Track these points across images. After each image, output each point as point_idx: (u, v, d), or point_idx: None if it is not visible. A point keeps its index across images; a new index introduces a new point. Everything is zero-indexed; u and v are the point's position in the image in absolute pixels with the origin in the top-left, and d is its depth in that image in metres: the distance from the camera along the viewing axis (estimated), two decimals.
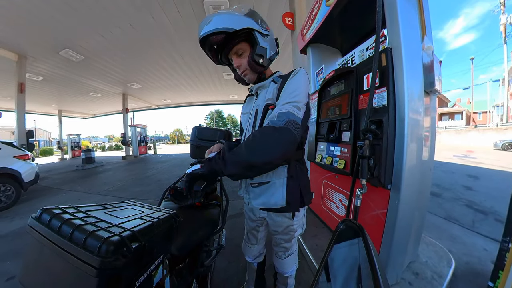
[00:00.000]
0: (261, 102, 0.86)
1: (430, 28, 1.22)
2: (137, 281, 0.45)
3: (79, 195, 4.05)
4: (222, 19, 0.71)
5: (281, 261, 1.04)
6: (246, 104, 1.02)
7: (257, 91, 0.90)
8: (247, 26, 0.73)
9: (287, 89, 0.75)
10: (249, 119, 0.92)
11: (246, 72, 0.83)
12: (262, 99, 0.86)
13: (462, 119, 27.06)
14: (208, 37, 0.72)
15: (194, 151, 1.34)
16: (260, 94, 0.89)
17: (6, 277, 1.60)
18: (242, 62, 0.81)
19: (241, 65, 0.81)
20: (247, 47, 0.79)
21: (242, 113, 1.03)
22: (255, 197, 0.87)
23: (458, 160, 6.96)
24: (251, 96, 0.97)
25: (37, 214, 0.45)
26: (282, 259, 1.03)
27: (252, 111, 0.91)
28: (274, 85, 0.83)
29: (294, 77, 0.77)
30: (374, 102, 1.16)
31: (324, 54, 2.30)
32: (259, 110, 0.86)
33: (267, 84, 0.86)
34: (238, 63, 0.81)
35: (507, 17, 18.34)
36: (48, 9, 3.99)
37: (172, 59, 6.78)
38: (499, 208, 2.61)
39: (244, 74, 0.84)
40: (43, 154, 18.79)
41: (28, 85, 6.98)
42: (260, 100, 0.87)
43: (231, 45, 0.79)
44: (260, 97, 0.88)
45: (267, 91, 0.85)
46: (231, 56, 0.82)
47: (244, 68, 0.82)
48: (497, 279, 0.93)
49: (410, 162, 1.05)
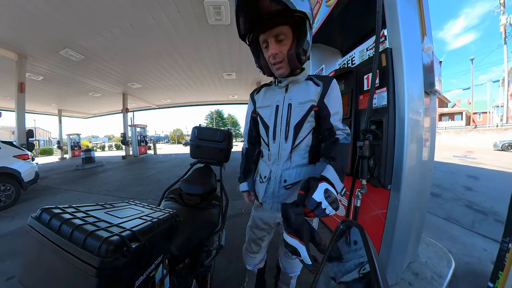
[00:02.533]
0: (295, 97, 0.78)
1: (430, 29, 1.23)
2: (137, 281, 0.45)
3: (79, 195, 4.05)
4: None
5: (291, 261, 0.98)
6: (267, 94, 0.87)
7: (287, 84, 0.80)
8: (306, 11, 0.62)
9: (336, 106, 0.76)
10: (277, 112, 0.81)
11: (281, 64, 0.71)
12: (296, 95, 0.78)
13: (462, 119, 27.06)
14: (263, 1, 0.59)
15: (194, 151, 1.34)
16: (292, 89, 0.80)
17: (6, 277, 1.59)
18: (281, 50, 0.68)
19: (279, 53, 0.68)
20: (290, 35, 0.68)
21: (261, 105, 0.87)
22: (285, 198, 0.82)
23: (458, 161, 6.96)
24: (271, 88, 0.87)
25: (37, 213, 0.45)
26: (293, 259, 0.96)
27: (281, 104, 0.81)
28: (314, 86, 0.77)
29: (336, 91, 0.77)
30: (374, 102, 1.16)
31: (324, 54, 2.31)
32: (292, 105, 0.78)
33: (301, 80, 0.79)
34: (277, 50, 0.68)
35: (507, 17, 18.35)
36: (48, 9, 3.99)
37: (172, 59, 6.78)
38: (499, 209, 2.61)
39: (279, 66, 0.71)
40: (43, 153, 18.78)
41: (28, 85, 6.97)
42: (293, 95, 0.79)
43: (275, 25, 0.65)
44: (292, 91, 0.80)
45: (302, 88, 0.78)
46: (268, 38, 0.68)
47: (281, 58, 0.69)
48: (497, 280, 0.93)
49: (410, 162, 1.05)
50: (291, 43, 0.68)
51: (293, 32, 0.67)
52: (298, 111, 0.77)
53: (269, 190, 0.84)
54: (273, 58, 0.70)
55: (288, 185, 0.80)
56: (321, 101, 0.75)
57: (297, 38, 0.68)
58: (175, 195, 1.10)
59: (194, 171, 1.25)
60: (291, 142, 0.79)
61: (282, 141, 0.80)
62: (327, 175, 0.64)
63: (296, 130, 0.78)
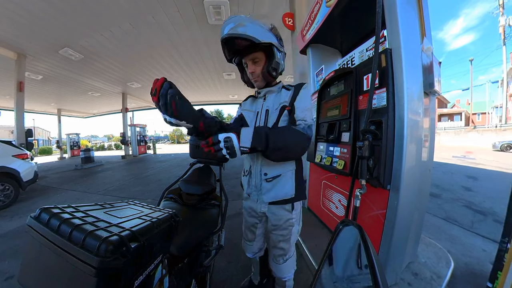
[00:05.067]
0: (271, 104, 0.96)
1: (429, 29, 1.23)
2: (136, 281, 0.45)
3: (78, 195, 4.04)
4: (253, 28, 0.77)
5: (279, 266, 1.03)
6: (251, 103, 1.07)
7: (265, 94, 0.99)
8: (270, 41, 0.81)
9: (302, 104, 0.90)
10: (256, 117, 1.00)
11: (258, 79, 0.92)
12: (272, 102, 0.96)
13: (461, 120, 27.11)
14: (234, 39, 0.78)
15: (193, 151, 1.34)
16: (269, 97, 0.98)
17: (5, 277, 1.59)
18: (256, 69, 0.89)
19: (255, 72, 0.90)
20: (263, 57, 0.88)
21: (244, 109, 1.08)
22: (267, 192, 0.93)
23: (457, 161, 6.98)
24: (255, 99, 1.06)
25: (36, 213, 0.45)
26: (280, 264, 1.02)
27: (260, 110, 0.99)
28: (286, 92, 0.94)
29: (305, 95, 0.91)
30: (373, 102, 1.17)
31: (324, 55, 2.31)
32: (270, 110, 0.95)
33: (276, 90, 0.97)
34: (253, 69, 0.89)
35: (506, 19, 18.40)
36: (47, 8, 3.98)
37: (172, 58, 6.78)
38: (498, 209, 2.61)
39: (256, 80, 0.93)
40: (42, 153, 18.74)
41: (27, 84, 6.96)
42: (270, 102, 0.96)
43: (250, 51, 0.86)
44: (269, 100, 0.97)
45: (277, 96, 0.96)
46: (247, 61, 0.89)
47: (256, 76, 0.91)
48: (496, 280, 0.93)
49: (410, 162, 1.06)
50: (264, 64, 0.89)
51: (265, 55, 0.88)
52: (274, 114, 0.93)
53: (252, 183, 0.97)
54: (251, 75, 0.91)
55: (269, 178, 0.92)
56: (292, 103, 0.91)
57: (268, 59, 0.88)
58: (174, 195, 1.10)
59: (194, 171, 1.25)
60: None
61: None
62: (242, 131, 0.69)
63: None
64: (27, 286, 0.41)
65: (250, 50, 0.86)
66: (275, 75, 0.92)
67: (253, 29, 0.77)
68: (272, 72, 0.89)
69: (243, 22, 0.77)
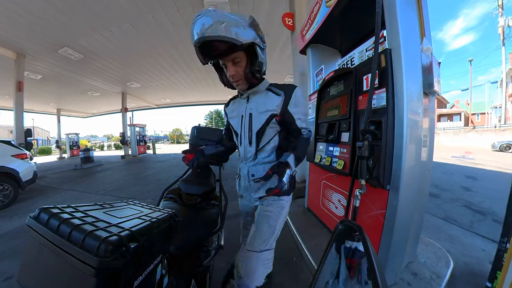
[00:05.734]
0: (255, 106, 0.89)
1: (429, 29, 1.23)
2: (136, 281, 0.45)
3: (78, 195, 4.03)
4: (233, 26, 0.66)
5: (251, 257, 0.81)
6: (234, 106, 1.00)
7: (248, 95, 0.92)
8: (252, 41, 0.73)
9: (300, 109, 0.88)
10: (241, 122, 0.94)
11: (240, 82, 0.83)
12: (256, 104, 0.89)
13: (460, 120, 27.16)
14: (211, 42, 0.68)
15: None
16: (253, 99, 0.91)
17: (4, 277, 1.59)
18: (237, 71, 0.80)
19: (236, 73, 0.80)
20: (244, 57, 0.78)
21: (231, 116, 1.00)
22: (257, 190, 0.94)
23: (456, 161, 6.99)
24: (240, 99, 0.97)
25: (35, 213, 0.45)
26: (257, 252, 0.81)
27: (244, 114, 0.92)
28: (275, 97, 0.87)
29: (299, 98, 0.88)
30: (373, 103, 1.17)
31: (323, 55, 2.31)
32: (253, 114, 0.89)
33: (260, 91, 0.90)
34: (234, 71, 0.79)
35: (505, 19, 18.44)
36: (47, 7, 3.97)
37: (172, 58, 6.77)
38: (497, 209, 2.62)
39: (238, 83, 0.84)
40: (41, 153, 18.69)
41: (27, 84, 6.94)
42: (254, 104, 0.90)
43: (230, 52, 0.75)
44: (252, 102, 0.91)
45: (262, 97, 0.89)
46: (226, 62, 0.79)
47: (238, 78, 0.81)
48: (495, 280, 0.94)
49: (409, 162, 1.06)
50: (246, 64, 0.80)
51: (246, 55, 0.78)
52: (258, 119, 0.88)
53: (242, 184, 1.00)
54: (232, 77, 0.81)
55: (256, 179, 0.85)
56: (284, 109, 0.86)
57: (251, 59, 0.79)
58: (174, 195, 1.10)
59: (193, 171, 1.25)
60: (255, 145, 0.91)
61: (247, 145, 0.93)
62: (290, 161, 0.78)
63: (259, 136, 0.89)
64: (26, 286, 0.41)
65: (229, 51, 0.74)
66: (259, 76, 0.83)
67: (232, 28, 0.66)
68: (256, 74, 0.81)
69: (220, 19, 0.65)
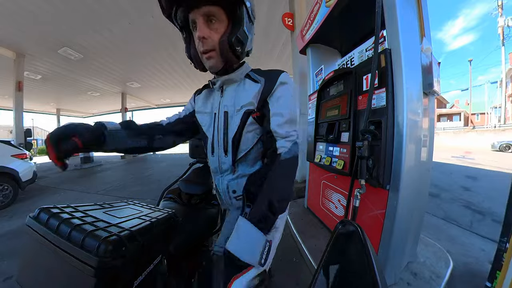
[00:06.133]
0: (231, 101, 0.65)
1: (429, 30, 1.23)
2: (135, 281, 0.45)
3: (77, 195, 4.03)
4: None
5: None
6: (204, 100, 0.74)
7: (222, 85, 0.68)
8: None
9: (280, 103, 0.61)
10: (214, 122, 0.68)
11: (212, 54, 0.57)
12: (232, 98, 0.65)
13: (460, 120, 27.22)
14: None
15: (193, 151, 1.33)
16: (228, 91, 0.67)
17: (3, 277, 1.58)
18: (211, 35, 0.55)
19: (208, 38, 0.55)
20: (224, 18, 0.56)
21: (199, 111, 0.75)
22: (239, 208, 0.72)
23: (456, 161, 6.99)
24: (212, 90, 0.73)
25: (35, 213, 0.45)
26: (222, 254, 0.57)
27: (217, 112, 0.67)
28: (252, 85, 0.63)
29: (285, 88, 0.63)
30: (373, 103, 1.17)
31: (323, 55, 2.31)
32: (229, 112, 0.65)
33: (237, 79, 0.66)
34: (205, 33, 0.54)
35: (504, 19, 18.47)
36: (47, 7, 3.97)
37: (172, 58, 6.77)
38: (497, 209, 2.62)
39: (209, 56, 0.58)
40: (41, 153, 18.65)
41: (26, 84, 6.94)
42: (229, 99, 0.65)
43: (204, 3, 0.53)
44: (227, 94, 0.66)
45: (240, 91, 0.65)
46: (197, 17, 0.54)
47: (211, 46, 0.56)
48: (495, 280, 0.94)
49: (409, 162, 1.06)
50: (224, 30, 0.56)
51: (227, 16, 0.56)
52: (235, 119, 0.64)
53: (222, 198, 0.75)
54: (201, 44, 0.56)
55: (238, 197, 0.68)
56: (262, 101, 0.62)
57: (232, 24, 0.57)
58: (174, 195, 1.10)
59: (193, 171, 1.25)
60: (231, 155, 0.66)
61: (222, 155, 0.67)
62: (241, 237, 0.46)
63: (235, 144, 0.64)
64: (26, 286, 0.41)
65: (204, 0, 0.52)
66: (240, 51, 0.59)
67: None
68: (237, 47, 0.57)
69: None
